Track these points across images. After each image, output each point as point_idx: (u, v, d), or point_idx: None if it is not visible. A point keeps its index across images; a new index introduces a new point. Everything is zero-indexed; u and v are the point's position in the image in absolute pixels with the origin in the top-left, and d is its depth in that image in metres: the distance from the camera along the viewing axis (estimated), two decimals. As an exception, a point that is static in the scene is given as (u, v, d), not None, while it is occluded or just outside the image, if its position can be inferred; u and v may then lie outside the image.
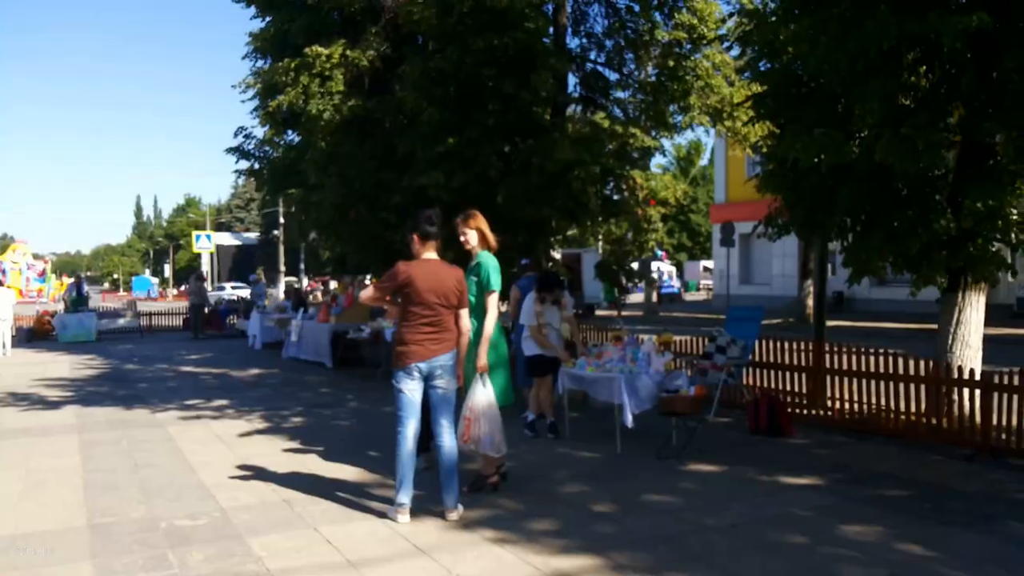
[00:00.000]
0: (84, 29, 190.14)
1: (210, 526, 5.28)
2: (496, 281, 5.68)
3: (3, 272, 46.96)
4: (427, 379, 5.30)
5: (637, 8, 14.09)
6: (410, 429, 5.27)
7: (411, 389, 5.27)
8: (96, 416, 9.67)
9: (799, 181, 8.01)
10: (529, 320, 7.86)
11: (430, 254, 5.40)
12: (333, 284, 24.88)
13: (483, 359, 5.56)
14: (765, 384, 8.99)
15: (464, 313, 5.42)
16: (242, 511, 5.59)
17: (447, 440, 5.36)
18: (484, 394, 5.53)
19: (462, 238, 5.90)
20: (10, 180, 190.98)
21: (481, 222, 5.89)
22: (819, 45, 6.82)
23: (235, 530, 5.17)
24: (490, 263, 5.74)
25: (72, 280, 29.22)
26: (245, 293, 40.88)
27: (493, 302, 5.67)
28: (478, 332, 5.65)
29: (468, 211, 5.99)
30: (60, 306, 24.16)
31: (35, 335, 22.07)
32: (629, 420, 6.93)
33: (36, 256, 64.59)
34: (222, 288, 51.15)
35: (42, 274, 58.90)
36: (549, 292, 7.84)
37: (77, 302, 22.67)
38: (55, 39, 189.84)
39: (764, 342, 9.01)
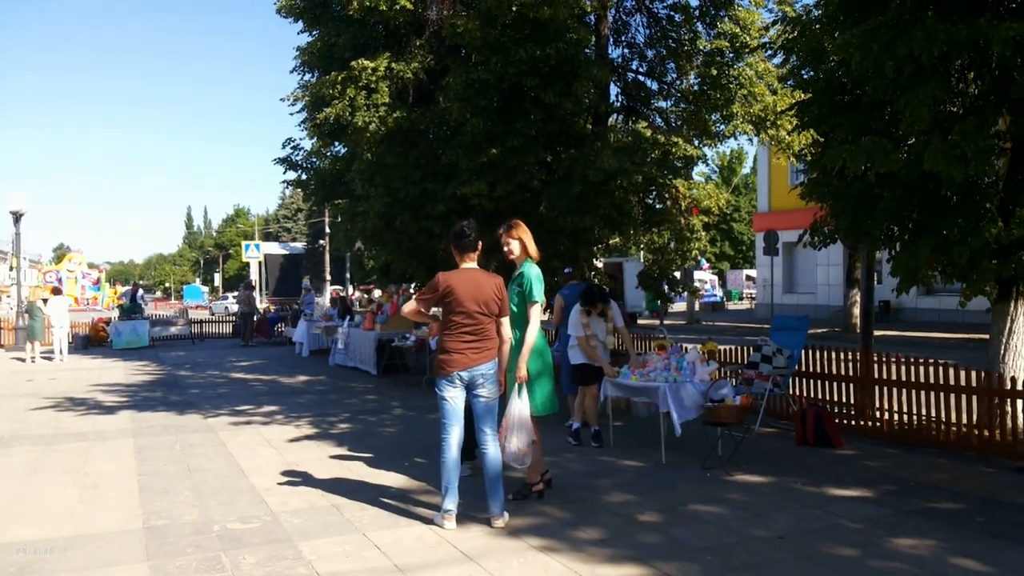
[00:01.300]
0: (137, 50, 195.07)
1: (261, 530, 5.40)
2: (538, 292, 5.71)
3: (59, 280, 48.33)
4: (469, 387, 5.37)
5: (679, 18, 14.11)
6: (453, 436, 5.34)
7: (453, 396, 5.35)
8: (150, 421, 9.93)
9: (845, 189, 7.95)
10: (576, 331, 7.89)
11: (469, 264, 5.49)
12: (377, 293, 25.13)
13: (522, 370, 5.60)
14: (811, 394, 8.91)
15: (505, 321, 5.49)
16: (292, 515, 5.71)
17: (491, 448, 5.41)
18: (519, 406, 5.56)
19: (505, 248, 5.96)
20: (66, 191, 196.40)
21: (523, 232, 5.93)
22: (867, 52, 6.77)
23: (286, 534, 5.29)
24: (532, 273, 5.77)
25: (129, 287, 30.00)
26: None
27: (535, 312, 5.70)
28: (520, 342, 5.70)
29: (511, 221, 6.05)
30: (115, 313, 24.77)
31: (90, 342, 22.67)
32: (678, 429, 6.93)
33: (91, 265, 66.39)
34: (225, 297, 52.35)
35: (96, 282, 60.49)
36: (593, 307, 7.88)
37: (131, 309, 23.24)
38: (107, 61, 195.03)
39: (810, 352, 8.93)
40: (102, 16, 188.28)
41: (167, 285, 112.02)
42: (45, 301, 19.54)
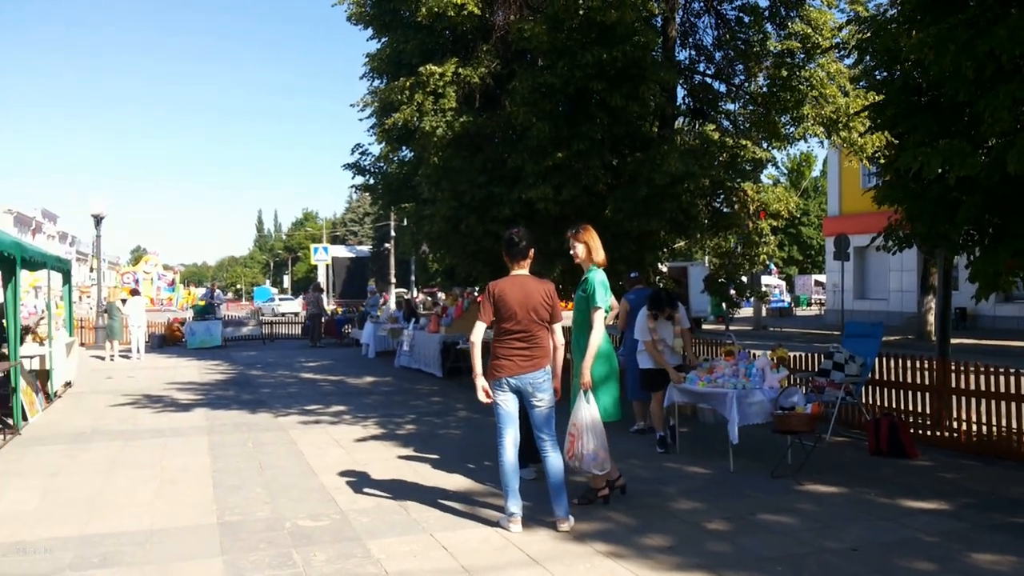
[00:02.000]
0: (209, 57, 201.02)
1: (331, 527, 5.51)
2: (602, 297, 5.68)
3: (136, 281, 50.06)
4: (523, 395, 5.40)
5: (748, 19, 13.90)
6: (508, 439, 5.38)
7: (505, 401, 5.39)
8: (223, 419, 10.21)
9: (921, 192, 7.72)
10: (643, 335, 7.85)
11: (520, 271, 5.52)
12: (441, 295, 25.37)
13: (586, 375, 5.60)
14: (885, 404, 8.68)
15: (558, 328, 5.49)
16: (361, 514, 5.81)
17: (552, 453, 5.43)
18: (588, 410, 5.57)
19: (571, 251, 5.97)
20: (143, 195, 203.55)
21: (590, 236, 5.93)
22: (944, 52, 6.57)
23: (354, 532, 5.39)
24: (597, 279, 5.76)
25: (207, 288, 30.97)
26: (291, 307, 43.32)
27: (599, 318, 5.68)
28: (585, 347, 5.70)
29: (580, 224, 6.05)
30: (189, 314, 25.56)
31: (166, 341, 23.43)
32: (735, 437, 6.84)
33: (166, 267, 68.65)
34: (272, 299, 53.65)
35: (171, 284, 62.53)
36: (660, 311, 7.83)
37: (205, 310, 23.94)
38: (180, 68, 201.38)
39: (884, 360, 8.70)
40: (175, 23, 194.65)
41: (238, 287, 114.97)
42: (124, 301, 20.28)
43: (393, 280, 46.28)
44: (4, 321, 11.08)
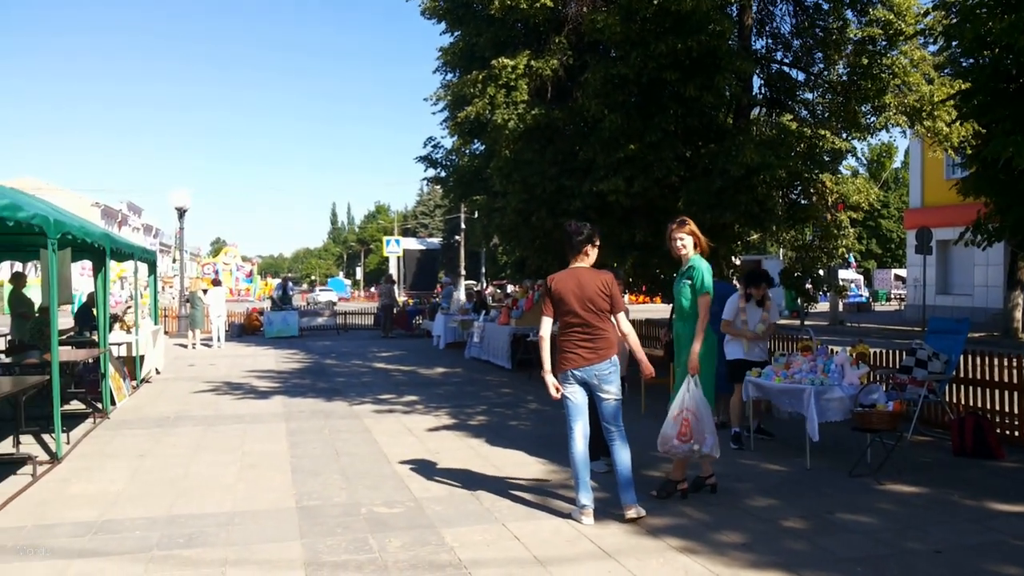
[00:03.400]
0: (289, 52, 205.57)
1: (405, 515, 5.60)
2: (708, 283, 5.73)
3: (216, 272, 51.62)
4: (590, 387, 5.40)
5: (827, 6, 13.53)
6: (577, 431, 5.39)
7: (572, 393, 5.40)
8: (300, 406, 10.47)
9: (1011, 184, 7.42)
10: (729, 314, 7.79)
11: (579, 263, 5.52)
12: (510, 288, 25.47)
13: (695, 360, 5.62)
14: (970, 402, 8.36)
15: (621, 316, 5.47)
16: (434, 502, 5.89)
17: (619, 445, 5.42)
18: (697, 395, 5.59)
19: (677, 243, 5.92)
20: (224, 187, 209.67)
21: (694, 228, 5.93)
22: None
23: (428, 520, 5.46)
24: (703, 266, 5.78)
25: (280, 280, 31.82)
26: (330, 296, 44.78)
27: (704, 305, 5.69)
28: (692, 335, 5.71)
29: (680, 218, 6.04)
30: (267, 304, 26.28)
31: (244, 330, 24.12)
32: (816, 435, 6.70)
33: (244, 258, 70.57)
34: (312, 289, 54.54)
35: (249, 275, 64.27)
36: (756, 287, 7.74)
37: (283, 300, 24.57)
38: (257, 60, 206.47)
39: (970, 357, 8.38)
40: (252, 24, 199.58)
41: (313, 278, 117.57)
42: (205, 291, 20.93)
43: (463, 272, 46.66)
44: (94, 309, 11.57)
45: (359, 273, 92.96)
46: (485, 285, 47.47)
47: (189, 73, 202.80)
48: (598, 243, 5.60)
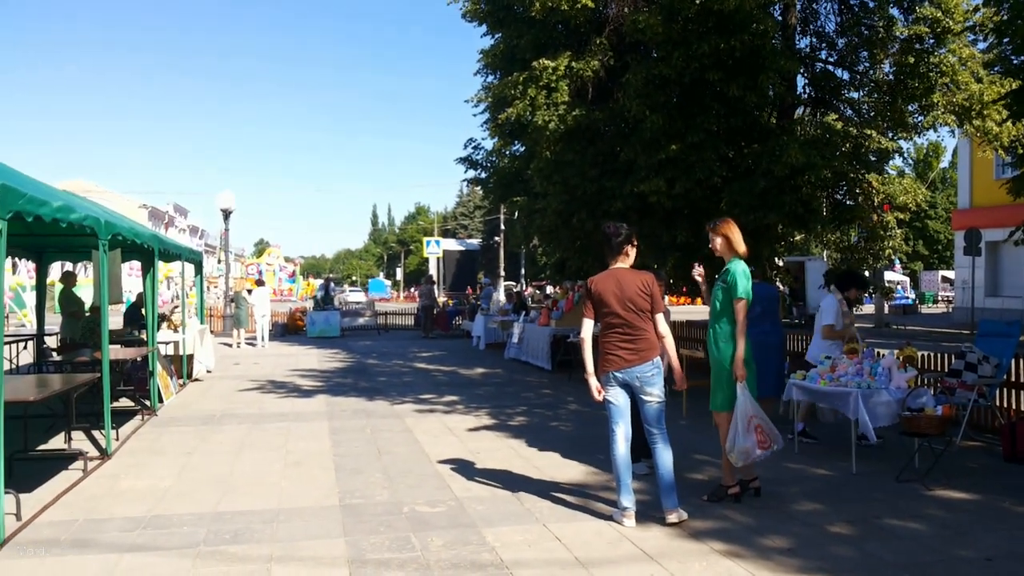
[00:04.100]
0: (330, 60, 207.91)
1: (447, 514, 5.63)
2: (744, 288, 5.62)
3: (260, 273, 52.38)
4: (632, 389, 5.37)
5: (873, 4, 13.30)
6: (619, 433, 5.37)
7: (614, 395, 5.38)
8: (343, 405, 10.58)
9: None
10: (830, 319, 7.83)
11: (619, 264, 5.50)
12: (549, 288, 25.44)
13: (740, 367, 5.58)
14: (1022, 407, 8.15)
15: (660, 318, 5.43)
16: (475, 502, 5.91)
17: (661, 447, 5.40)
18: (751, 400, 5.58)
19: (711, 244, 5.91)
20: (267, 189, 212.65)
21: (728, 229, 5.85)
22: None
23: (470, 519, 5.49)
24: (738, 269, 5.70)
25: (322, 281, 32.22)
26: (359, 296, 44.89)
27: (741, 309, 5.62)
28: (727, 338, 5.68)
29: (720, 219, 6.00)
30: (310, 304, 26.62)
31: (287, 330, 24.44)
32: (873, 437, 6.61)
33: (287, 259, 71.55)
34: (341, 290, 54.94)
35: (292, 275, 65.13)
36: (857, 290, 7.74)
37: (325, 300, 24.85)
38: (300, 72, 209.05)
39: (1022, 360, 8.18)
40: (296, 27, 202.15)
41: (354, 279, 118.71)
42: (249, 292, 21.25)
43: (502, 273, 46.75)
44: (143, 309, 11.81)
45: (399, 274, 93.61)
46: (524, 286, 47.53)
47: (233, 77, 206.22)
48: (636, 244, 5.60)
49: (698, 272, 6.23)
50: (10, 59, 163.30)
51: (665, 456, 5.37)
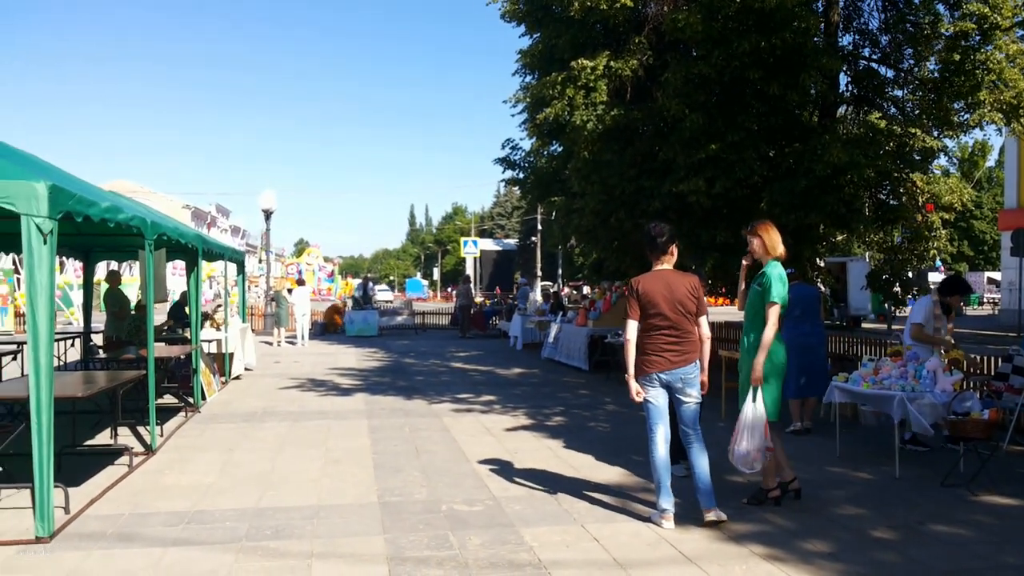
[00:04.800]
0: (372, 61, 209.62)
1: (485, 513, 5.65)
2: (777, 292, 5.51)
3: (299, 272, 53.00)
4: (672, 390, 5.34)
5: (917, 1, 13.05)
6: (659, 435, 5.34)
7: (655, 396, 5.35)
8: (381, 404, 10.67)
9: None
10: (919, 318, 7.69)
11: (663, 265, 5.46)
12: (586, 289, 25.40)
13: (758, 370, 5.46)
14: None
15: (703, 320, 5.40)
16: (513, 501, 5.93)
17: (697, 448, 5.37)
18: (752, 409, 5.43)
19: (749, 247, 5.85)
20: (307, 190, 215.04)
21: (765, 230, 5.75)
22: None
23: (507, 519, 5.50)
24: (774, 273, 5.59)
25: (360, 280, 32.52)
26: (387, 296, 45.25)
27: (773, 313, 5.51)
28: (756, 341, 5.58)
29: (757, 220, 5.92)
30: (348, 303, 26.89)
31: (326, 329, 24.70)
32: (930, 430, 6.55)
33: (326, 259, 72.24)
34: (384, 289, 55.12)
35: (331, 275, 65.73)
36: (957, 295, 7.65)
37: (364, 299, 25.08)
38: (340, 73, 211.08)
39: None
40: (336, 27, 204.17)
41: (391, 278, 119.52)
42: (290, 291, 21.52)
43: (539, 273, 46.72)
44: (187, 307, 12.02)
45: (436, 274, 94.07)
46: (561, 286, 47.45)
47: (276, 79, 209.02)
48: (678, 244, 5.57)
49: (748, 261, 6.09)
50: (67, 69, 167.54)
51: (702, 458, 5.35)
